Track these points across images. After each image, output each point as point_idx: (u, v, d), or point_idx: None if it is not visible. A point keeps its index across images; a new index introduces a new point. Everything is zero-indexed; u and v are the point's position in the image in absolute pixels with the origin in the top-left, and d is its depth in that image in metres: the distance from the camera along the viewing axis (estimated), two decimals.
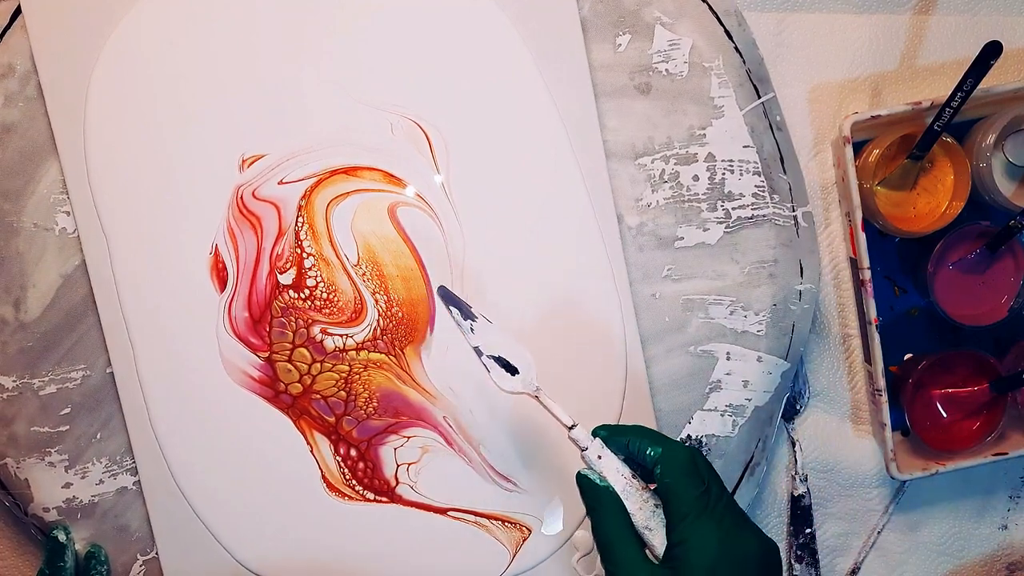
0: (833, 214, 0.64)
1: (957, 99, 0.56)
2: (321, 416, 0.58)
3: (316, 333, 0.57)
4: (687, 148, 0.59)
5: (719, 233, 0.60)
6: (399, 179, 0.57)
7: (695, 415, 0.60)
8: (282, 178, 0.57)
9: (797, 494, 0.64)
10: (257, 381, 0.58)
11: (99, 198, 0.57)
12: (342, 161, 0.57)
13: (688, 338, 0.60)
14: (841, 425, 0.65)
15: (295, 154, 0.57)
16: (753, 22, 0.61)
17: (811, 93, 0.63)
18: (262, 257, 0.57)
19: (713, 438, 0.60)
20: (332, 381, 0.58)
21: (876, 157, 0.60)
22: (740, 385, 0.60)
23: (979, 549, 0.66)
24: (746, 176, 0.59)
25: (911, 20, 0.63)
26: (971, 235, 0.61)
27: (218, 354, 0.57)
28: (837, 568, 0.66)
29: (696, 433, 0.60)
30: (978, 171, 0.60)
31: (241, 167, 0.57)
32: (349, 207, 0.57)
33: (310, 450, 0.58)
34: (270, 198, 0.57)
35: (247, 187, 0.57)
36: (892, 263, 0.64)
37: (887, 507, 0.65)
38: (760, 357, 0.60)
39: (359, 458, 0.58)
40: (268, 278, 0.57)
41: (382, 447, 0.58)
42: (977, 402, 0.63)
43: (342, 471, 0.58)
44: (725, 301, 0.60)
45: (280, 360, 0.58)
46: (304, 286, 0.57)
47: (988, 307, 0.62)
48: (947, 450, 0.63)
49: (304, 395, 0.58)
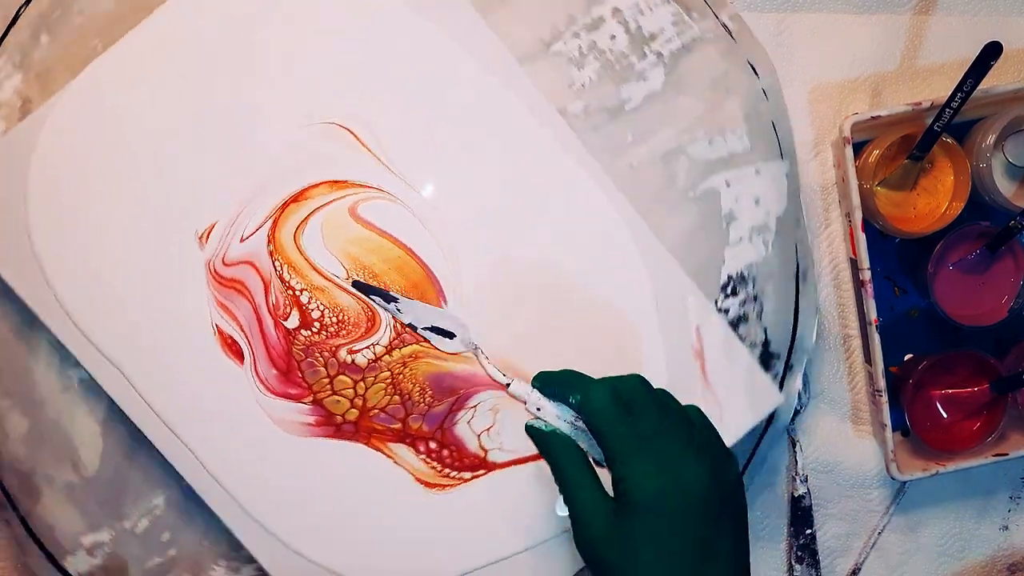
0: (833, 214, 0.64)
1: (957, 100, 0.56)
2: (387, 428, 0.58)
3: (344, 356, 0.57)
4: (590, 15, 0.59)
5: (660, 77, 0.59)
6: (343, 181, 0.57)
7: (725, 254, 0.60)
8: (241, 235, 0.57)
9: (797, 495, 0.64)
10: (315, 425, 0.57)
11: (91, 334, 0.56)
12: (286, 192, 0.57)
13: (682, 187, 0.59)
14: (841, 425, 0.65)
15: (242, 207, 0.57)
16: (753, 22, 0.61)
17: (811, 93, 0.63)
18: (261, 314, 0.57)
19: (753, 266, 0.60)
20: (381, 391, 0.58)
21: (876, 157, 0.60)
22: (753, 205, 0.59)
23: (980, 550, 0.66)
24: (657, 9, 0.59)
25: (911, 20, 0.63)
26: (971, 235, 0.61)
27: (268, 419, 0.57)
28: (837, 569, 0.66)
29: (735, 270, 0.60)
30: (978, 171, 0.60)
31: (201, 243, 0.57)
32: (314, 229, 0.57)
33: (393, 462, 0.58)
34: (240, 259, 0.57)
35: (215, 259, 0.57)
36: (892, 263, 0.64)
37: (887, 508, 0.65)
38: (758, 169, 0.59)
39: (440, 446, 0.58)
40: (276, 330, 0.57)
41: (455, 427, 0.58)
42: (977, 403, 0.63)
43: (432, 466, 0.58)
44: (699, 135, 0.59)
45: (325, 396, 0.57)
46: (311, 321, 0.57)
47: (988, 307, 0.62)
48: (947, 451, 0.63)
49: (363, 416, 0.58)
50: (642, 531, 0.44)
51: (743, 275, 0.60)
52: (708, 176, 0.59)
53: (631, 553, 0.44)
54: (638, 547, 0.44)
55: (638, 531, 0.44)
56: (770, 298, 0.60)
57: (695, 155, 0.59)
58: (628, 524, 0.44)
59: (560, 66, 0.59)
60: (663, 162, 0.59)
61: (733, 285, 0.60)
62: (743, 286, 0.60)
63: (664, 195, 0.59)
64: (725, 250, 0.60)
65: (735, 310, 0.60)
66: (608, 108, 0.59)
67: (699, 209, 0.59)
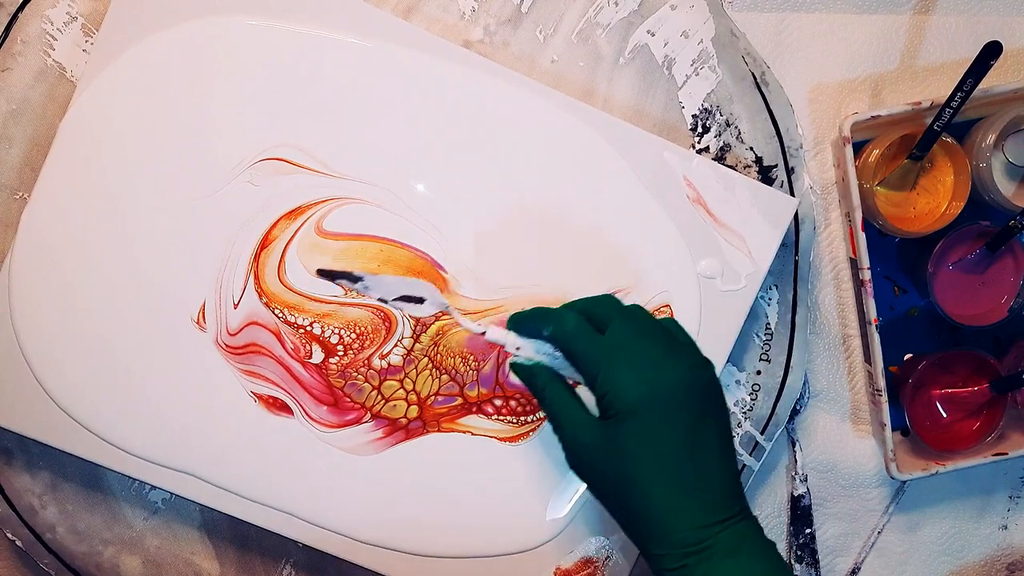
0: (833, 214, 0.64)
1: (957, 99, 0.56)
2: (450, 407, 0.58)
3: (379, 363, 0.57)
4: None
5: None
6: (297, 208, 0.56)
7: (680, 98, 0.60)
8: (233, 302, 0.57)
9: (797, 494, 0.64)
10: (385, 436, 0.58)
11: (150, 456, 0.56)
12: (253, 242, 0.56)
13: (610, 57, 0.60)
14: (841, 425, 0.65)
15: (219, 276, 0.56)
16: (753, 22, 0.61)
17: (811, 93, 0.63)
18: (287, 363, 0.57)
19: (711, 96, 0.60)
20: (428, 378, 0.58)
21: (876, 157, 0.60)
22: (683, 40, 0.60)
23: (979, 549, 0.66)
24: None
25: (911, 20, 0.63)
26: (971, 235, 0.61)
27: (341, 452, 0.57)
28: (837, 568, 0.66)
29: (696, 108, 0.60)
30: (978, 171, 0.60)
31: (200, 327, 0.56)
32: (294, 263, 0.57)
33: (471, 435, 0.58)
34: (242, 324, 0.57)
35: (220, 335, 0.57)
36: (892, 263, 0.64)
37: (887, 507, 0.65)
38: (672, 5, 0.59)
39: (504, 400, 0.58)
40: (307, 371, 0.57)
41: (509, 376, 0.58)
42: (977, 402, 0.63)
43: (507, 421, 0.58)
44: (600, 1, 0.59)
45: (381, 406, 0.58)
46: (334, 347, 0.57)
47: (988, 307, 0.62)
48: (947, 450, 0.63)
49: (423, 408, 0.58)
50: (630, 436, 0.45)
51: (707, 109, 0.60)
52: (629, 35, 0.60)
53: (623, 459, 0.46)
54: (629, 451, 0.45)
55: (627, 436, 0.46)
56: (741, 117, 0.60)
57: (606, 21, 0.60)
58: (616, 432, 0.46)
59: (442, 4, 0.59)
60: (581, 42, 0.60)
61: (702, 122, 0.60)
62: (711, 118, 0.60)
63: (597, 72, 0.60)
64: (678, 94, 0.60)
65: (715, 144, 0.60)
66: (506, 19, 0.59)
67: (636, 70, 0.60)
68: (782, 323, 0.61)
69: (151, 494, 0.61)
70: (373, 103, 0.57)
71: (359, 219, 0.57)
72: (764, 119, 0.60)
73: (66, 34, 0.58)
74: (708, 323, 0.58)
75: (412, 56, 0.57)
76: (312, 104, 0.56)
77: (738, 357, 0.61)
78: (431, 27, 0.59)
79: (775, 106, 0.60)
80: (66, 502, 0.60)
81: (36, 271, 0.56)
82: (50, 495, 0.60)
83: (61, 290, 0.56)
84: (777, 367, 0.62)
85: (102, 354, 0.56)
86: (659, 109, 0.60)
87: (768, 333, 0.62)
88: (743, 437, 0.62)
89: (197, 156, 0.56)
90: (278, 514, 0.57)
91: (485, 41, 0.60)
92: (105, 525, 0.61)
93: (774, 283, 0.61)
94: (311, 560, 0.61)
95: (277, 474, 0.57)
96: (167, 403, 0.57)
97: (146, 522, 0.61)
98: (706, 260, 0.58)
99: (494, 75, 0.57)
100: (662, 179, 0.58)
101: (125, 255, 0.56)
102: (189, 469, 0.57)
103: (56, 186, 0.56)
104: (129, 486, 0.60)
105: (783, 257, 0.61)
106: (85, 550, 0.60)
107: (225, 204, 0.56)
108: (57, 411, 0.56)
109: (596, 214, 0.58)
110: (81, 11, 0.58)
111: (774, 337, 0.61)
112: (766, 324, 0.61)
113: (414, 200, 0.57)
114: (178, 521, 0.61)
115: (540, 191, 0.57)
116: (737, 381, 0.61)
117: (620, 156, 0.58)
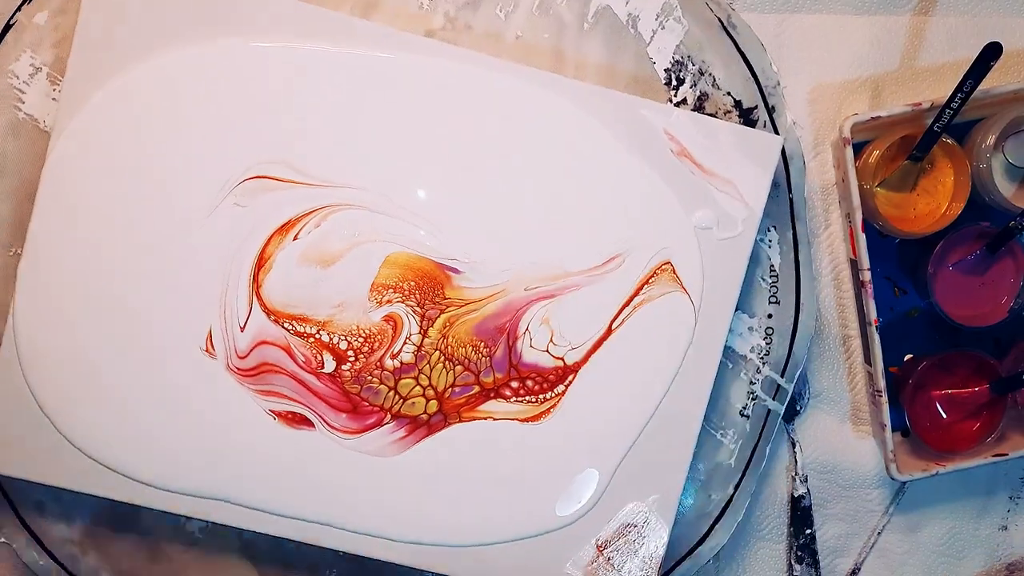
0: (833, 215, 0.64)
1: (957, 100, 0.56)
2: (468, 396, 0.58)
3: (391, 363, 0.58)
4: None
5: None
6: (288, 222, 0.57)
7: (650, 53, 0.60)
8: (239, 325, 0.57)
9: (797, 495, 0.64)
10: (411, 434, 0.58)
11: (182, 488, 0.57)
12: (250, 262, 0.57)
13: (574, 24, 0.60)
14: (841, 426, 0.65)
15: (221, 301, 0.57)
16: (753, 22, 0.61)
17: (811, 94, 0.63)
18: (301, 377, 0.57)
19: (680, 47, 0.60)
20: (442, 371, 0.58)
21: (876, 158, 0.60)
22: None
23: (979, 550, 0.67)
24: None
25: (911, 21, 0.63)
26: (971, 236, 0.61)
27: (367, 456, 0.58)
28: (837, 569, 0.66)
29: (667, 61, 0.60)
30: (978, 172, 0.60)
31: (210, 354, 0.57)
32: (292, 275, 0.57)
33: (493, 420, 0.58)
34: (251, 345, 0.57)
35: (230, 359, 0.57)
36: (892, 264, 0.64)
37: (887, 508, 0.65)
38: None
39: (521, 381, 0.58)
40: (321, 381, 0.57)
41: (523, 357, 0.58)
42: (977, 403, 0.63)
43: (526, 401, 0.58)
44: None
45: (399, 407, 0.58)
46: (344, 353, 0.57)
47: (988, 308, 0.62)
48: (947, 451, 0.63)
49: (442, 401, 0.58)
50: None
51: (678, 61, 0.60)
52: None
53: None
54: None
55: None
56: (715, 64, 0.60)
57: None
58: None
59: None
60: (542, 13, 0.60)
61: (676, 75, 0.60)
62: (684, 70, 0.60)
63: (564, 41, 0.60)
64: (648, 51, 0.60)
65: (692, 95, 0.61)
66: (465, 3, 0.60)
67: (601, 32, 0.60)
68: (786, 263, 0.61)
69: (187, 524, 0.61)
70: (347, 108, 0.57)
71: (352, 224, 0.57)
72: (737, 62, 0.60)
73: (32, 86, 0.59)
74: (712, 273, 0.58)
75: (376, 54, 0.57)
76: (287, 117, 0.56)
77: (747, 303, 0.61)
78: (392, 21, 0.59)
79: (746, 48, 0.60)
80: (105, 545, 0.61)
81: (42, 326, 0.57)
82: (89, 541, 0.60)
83: (68, 341, 0.56)
84: (788, 307, 0.61)
85: (118, 398, 0.57)
86: (631, 68, 0.60)
87: (774, 275, 0.61)
88: (764, 382, 0.61)
89: (180, 186, 0.56)
90: (313, 526, 0.58)
91: (447, 27, 0.60)
92: (147, 562, 0.61)
93: (772, 224, 0.61)
94: (352, 568, 0.62)
95: (306, 487, 0.57)
96: (189, 435, 0.57)
97: (186, 553, 0.61)
98: (700, 211, 0.58)
99: (462, 61, 0.57)
100: (644, 138, 0.58)
101: (125, 296, 0.57)
102: (220, 495, 0.57)
103: (47, 236, 0.56)
104: (164, 520, 0.61)
105: (777, 197, 0.61)
106: None
107: (216, 230, 0.56)
108: (83, 458, 0.57)
109: (583, 183, 0.58)
110: (44, 61, 0.58)
111: (780, 278, 0.61)
112: (770, 266, 0.61)
113: (403, 198, 0.57)
114: (217, 548, 0.61)
115: (524, 169, 0.57)
116: (750, 328, 0.61)
117: (598, 121, 0.57)
